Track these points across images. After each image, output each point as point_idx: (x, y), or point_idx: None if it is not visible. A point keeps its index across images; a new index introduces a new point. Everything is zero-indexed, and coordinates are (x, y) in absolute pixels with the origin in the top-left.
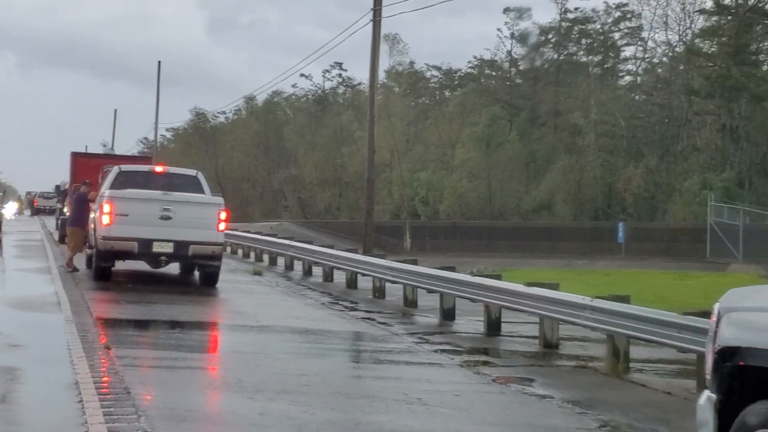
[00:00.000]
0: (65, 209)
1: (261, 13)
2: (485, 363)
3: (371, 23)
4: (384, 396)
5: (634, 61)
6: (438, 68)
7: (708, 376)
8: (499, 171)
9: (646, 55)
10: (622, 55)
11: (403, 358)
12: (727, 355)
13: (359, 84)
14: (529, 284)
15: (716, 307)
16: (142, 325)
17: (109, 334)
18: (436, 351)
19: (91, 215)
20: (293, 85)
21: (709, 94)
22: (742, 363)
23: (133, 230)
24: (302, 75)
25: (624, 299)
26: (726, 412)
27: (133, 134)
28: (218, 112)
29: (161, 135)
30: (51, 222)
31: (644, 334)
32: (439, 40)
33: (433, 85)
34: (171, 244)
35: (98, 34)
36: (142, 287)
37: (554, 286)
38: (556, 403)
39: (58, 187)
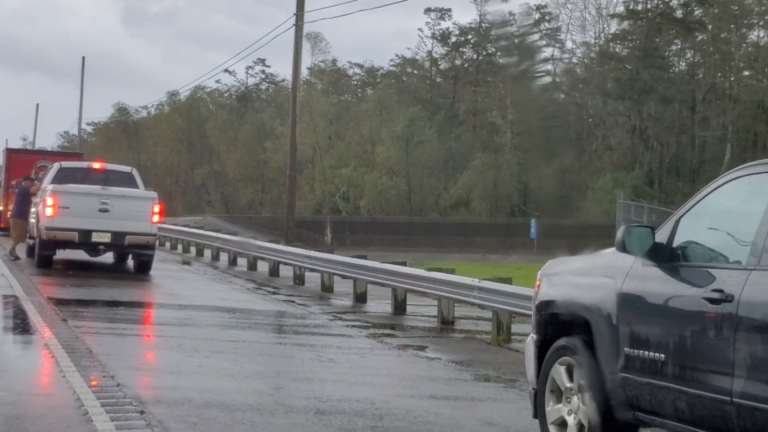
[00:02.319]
0: None
1: (176, 5)
2: (389, 335)
3: (294, 27)
4: (301, 356)
5: (552, 61)
6: (360, 66)
7: (532, 323)
8: (418, 168)
9: (564, 56)
10: (541, 55)
11: (319, 330)
12: (543, 306)
13: (282, 80)
14: (429, 269)
15: (539, 273)
16: (88, 303)
17: (61, 310)
18: (347, 326)
19: (33, 208)
20: (217, 81)
21: (620, 96)
22: (551, 311)
23: (74, 221)
24: (226, 71)
25: (506, 281)
26: (542, 347)
27: (51, 127)
28: (140, 107)
29: (82, 129)
30: None
31: (521, 309)
32: (359, 34)
33: (355, 82)
34: (109, 235)
35: (9, 24)
36: (82, 273)
37: (451, 271)
38: (442, 362)
39: None
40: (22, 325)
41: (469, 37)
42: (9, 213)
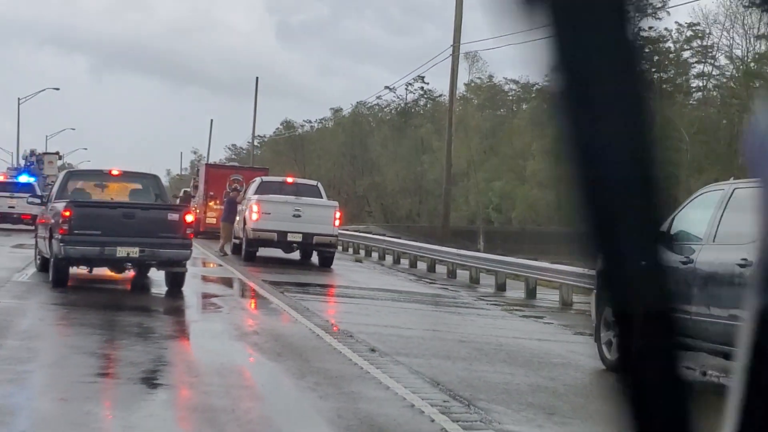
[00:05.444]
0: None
1: (325, 18)
2: (518, 310)
3: (450, 56)
4: (450, 318)
5: (703, 78)
6: (516, 82)
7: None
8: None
9: (715, 72)
10: (692, 72)
11: (465, 305)
12: (599, 272)
13: (440, 96)
14: (553, 262)
15: None
16: (293, 284)
17: (276, 287)
18: (487, 304)
19: (237, 216)
20: (378, 97)
21: None
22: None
23: (274, 224)
24: (386, 87)
25: None
26: (601, 301)
27: (213, 139)
28: (305, 121)
29: (249, 142)
30: None
31: None
32: (508, 45)
33: (510, 97)
34: (301, 235)
35: (165, 38)
36: (280, 265)
37: (570, 264)
38: (553, 325)
39: (185, 191)
40: (255, 295)
41: None
42: (207, 218)
